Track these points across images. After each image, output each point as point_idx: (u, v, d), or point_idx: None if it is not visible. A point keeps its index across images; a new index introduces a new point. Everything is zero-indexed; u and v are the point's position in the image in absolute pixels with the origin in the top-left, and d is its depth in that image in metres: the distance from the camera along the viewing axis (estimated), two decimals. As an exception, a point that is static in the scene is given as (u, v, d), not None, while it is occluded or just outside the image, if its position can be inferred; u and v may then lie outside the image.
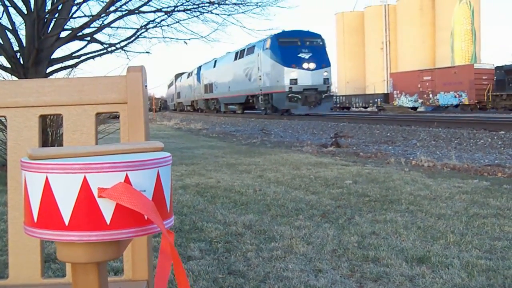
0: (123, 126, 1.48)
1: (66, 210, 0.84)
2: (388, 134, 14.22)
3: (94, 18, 9.03)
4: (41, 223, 0.86)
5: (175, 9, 9.62)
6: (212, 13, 10.11)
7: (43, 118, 1.54)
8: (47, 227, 0.86)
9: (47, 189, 0.85)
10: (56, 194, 0.84)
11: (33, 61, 8.36)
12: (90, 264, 0.89)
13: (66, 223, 0.84)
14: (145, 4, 9.49)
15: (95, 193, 0.83)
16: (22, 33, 8.90)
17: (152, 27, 9.71)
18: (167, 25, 9.99)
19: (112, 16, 9.57)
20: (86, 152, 0.91)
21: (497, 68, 38.08)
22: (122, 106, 1.48)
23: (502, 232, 3.69)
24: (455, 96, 39.54)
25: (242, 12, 10.66)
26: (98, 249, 0.87)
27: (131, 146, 0.96)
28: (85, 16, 9.61)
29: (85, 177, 0.83)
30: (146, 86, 1.50)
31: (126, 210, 0.84)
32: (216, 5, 9.93)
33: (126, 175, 0.84)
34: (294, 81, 30.09)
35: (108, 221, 0.84)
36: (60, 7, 8.67)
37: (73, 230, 0.84)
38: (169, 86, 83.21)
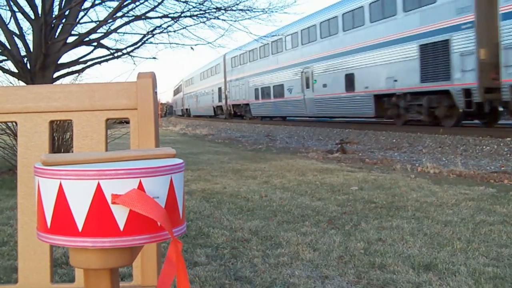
0: (133, 132, 1.48)
1: (79, 216, 0.84)
2: (394, 140, 14.20)
3: (101, 23, 9.08)
4: (55, 229, 0.87)
5: (182, 15, 9.66)
6: (218, 19, 10.15)
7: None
8: (60, 233, 0.86)
9: (61, 195, 0.85)
10: (70, 200, 0.85)
11: (40, 66, 8.41)
12: (103, 270, 0.90)
13: (80, 229, 0.85)
14: (151, 10, 9.54)
15: (109, 199, 0.84)
16: (29, 38, 8.98)
17: (159, 33, 9.76)
18: (174, 31, 10.03)
19: (118, 22, 9.64)
20: (100, 158, 0.92)
21: None
22: (132, 112, 1.49)
23: (509, 239, 3.68)
24: None
25: (248, 18, 10.72)
26: (111, 255, 0.87)
27: (143, 152, 0.96)
28: (92, 21, 9.68)
29: (99, 184, 0.84)
30: (156, 92, 1.50)
31: (139, 216, 0.84)
32: (223, 11, 9.97)
33: (140, 181, 0.85)
34: None
35: (121, 228, 0.84)
36: (67, 12, 8.72)
37: (87, 236, 0.84)
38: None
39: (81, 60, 9.36)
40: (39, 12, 8.55)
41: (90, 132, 1.49)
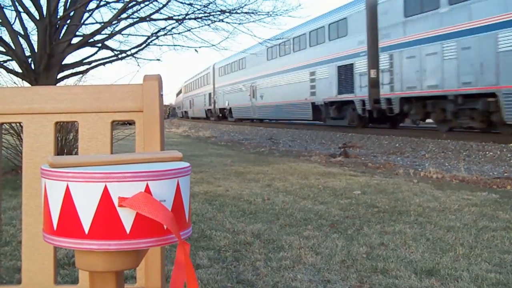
0: (139, 134, 1.48)
1: (86, 219, 0.85)
2: (397, 145, 14.19)
3: (105, 25, 9.09)
4: (61, 231, 0.87)
5: (186, 17, 9.67)
6: (223, 21, 10.15)
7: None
8: (66, 235, 0.87)
9: (68, 197, 0.86)
10: (77, 203, 0.85)
11: (44, 67, 8.43)
12: (109, 272, 0.90)
13: (86, 231, 0.85)
14: (156, 11, 9.55)
15: (116, 202, 0.84)
16: (34, 38, 9.00)
17: (163, 35, 9.77)
18: (178, 33, 10.06)
19: (123, 23, 9.64)
20: (107, 160, 0.92)
21: None
22: (138, 114, 1.49)
23: (512, 246, 3.67)
24: None
25: (253, 21, 10.71)
26: (117, 258, 0.87)
27: (151, 155, 0.96)
28: (96, 22, 9.72)
29: (106, 186, 0.84)
30: (162, 94, 1.51)
31: (146, 219, 0.84)
32: (228, 14, 9.98)
33: (147, 185, 0.85)
34: None
35: (128, 231, 0.84)
36: (72, 13, 8.73)
37: (93, 238, 0.85)
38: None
39: (85, 61, 9.39)
40: (44, 12, 8.57)
41: (96, 134, 1.49)
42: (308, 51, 25.54)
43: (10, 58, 8.83)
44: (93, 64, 9.37)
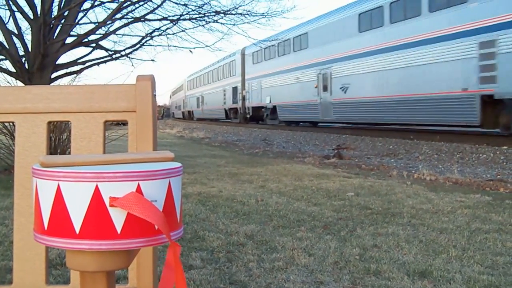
0: (131, 134, 1.48)
1: (77, 218, 0.84)
2: (391, 147, 14.21)
3: (100, 25, 9.07)
4: (52, 230, 0.87)
5: (181, 18, 9.66)
6: (217, 22, 10.15)
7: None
8: (57, 235, 0.86)
9: (59, 197, 0.85)
10: (68, 202, 0.85)
11: (38, 66, 8.40)
12: (100, 272, 0.89)
13: (77, 231, 0.85)
14: (151, 12, 9.54)
15: (107, 202, 0.84)
16: (28, 38, 8.95)
17: (158, 35, 9.76)
18: (173, 34, 10.04)
19: (117, 23, 9.63)
20: (98, 160, 0.92)
21: None
22: (130, 114, 1.48)
23: (504, 248, 3.68)
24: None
25: (247, 22, 10.70)
26: (108, 258, 0.87)
27: (142, 155, 0.96)
28: (91, 22, 9.68)
29: (97, 186, 0.84)
30: (155, 95, 1.50)
31: (137, 219, 0.84)
32: (222, 15, 9.98)
33: (138, 185, 0.85)
34: None
35: (119, 230, 0.84)
36: (66, 13, 8.71)
37: (84, 238, 0.84)
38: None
39: (79, 61, 9.36)
40: (38, 12, 8.54)
41: (89, 133, 1.49)
42: (473, 8, 14.27)
43: (3, 57, 8.80)
44: (87, 64, 9.34)
